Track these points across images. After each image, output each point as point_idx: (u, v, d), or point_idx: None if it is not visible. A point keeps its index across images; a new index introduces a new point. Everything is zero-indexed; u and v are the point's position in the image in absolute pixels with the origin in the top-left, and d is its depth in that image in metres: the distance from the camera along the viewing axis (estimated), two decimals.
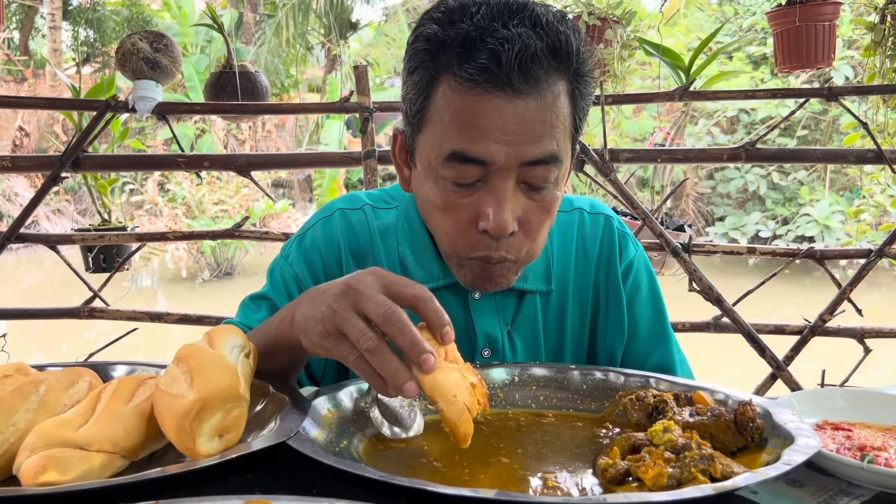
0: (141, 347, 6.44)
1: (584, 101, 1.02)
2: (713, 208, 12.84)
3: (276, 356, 1.00)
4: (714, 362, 5.56)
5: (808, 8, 2.66)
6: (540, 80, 0.94)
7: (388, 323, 0.79)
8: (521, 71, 0.92)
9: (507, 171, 0.97)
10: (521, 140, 0.95)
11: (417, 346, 0.78)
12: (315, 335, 0.86)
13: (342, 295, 0.83)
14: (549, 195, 1.02)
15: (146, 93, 2.65)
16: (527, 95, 0.94)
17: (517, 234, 1.02)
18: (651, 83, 9.10)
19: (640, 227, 2.73)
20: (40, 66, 15.90)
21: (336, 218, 1.24)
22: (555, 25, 0.95)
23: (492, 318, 1.19)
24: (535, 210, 1.02)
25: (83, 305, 2.81)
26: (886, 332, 2.71)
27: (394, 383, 0.78)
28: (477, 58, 0.92)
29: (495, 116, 0.94)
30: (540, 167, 0.98)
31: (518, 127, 0.94)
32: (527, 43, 0.91)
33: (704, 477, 0.73)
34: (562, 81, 0.97)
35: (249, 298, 1.24)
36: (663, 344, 1.28)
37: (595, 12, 2.67)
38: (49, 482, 0.69)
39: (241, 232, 2.82)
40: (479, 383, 0.82)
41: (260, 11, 15.45)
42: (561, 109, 0.97)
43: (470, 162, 0.97)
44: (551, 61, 0.95)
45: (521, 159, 0.96)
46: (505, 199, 0.97)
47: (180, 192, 11.28)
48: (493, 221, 0.98)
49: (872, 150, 2.56)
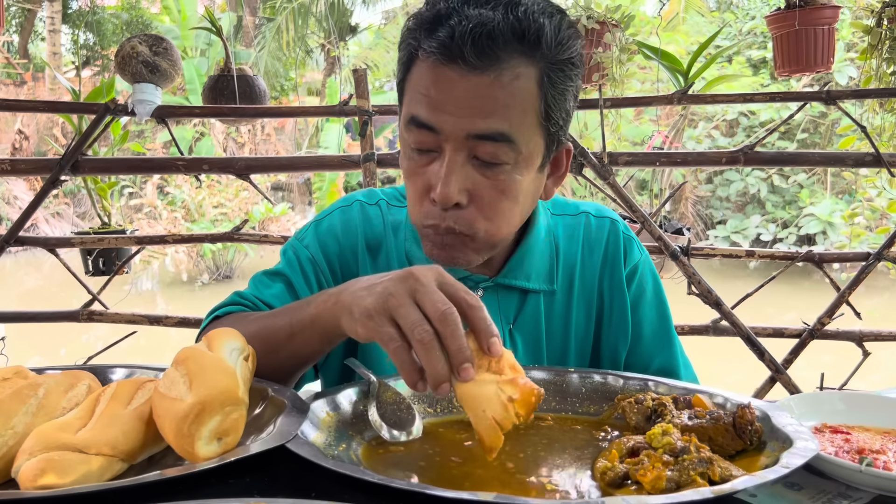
0: (140, 350, 6.43)
1: (557, 91, 1.02)
2: (712, 211, 12.84)
3: (309, 337, 0.99)
4: (713, 365, 5.55)
5: (808, 12, 2.66)
6: (499, 59, 0.97)
7: (443, 322, 0.79)
8: (473, 46, 0.95)
9: (457, 143, 1.00)
10: (469, 113, 0.98)
11: (463, 353, 0.79)
12: (361, 312, 0.85)
13: (402, 281, 0.83)
14: (505, 176, 1.03)
15: (145, 96, 2.65)
16: (481, 72, 0.96)
17: (469, 209, 1.04)
18: (650, 87, 9.11)
19: (638, 231, 2.74)
20: (40, 69, 15.91)
21: (355, 208, 1.26)
22: (532, 13, 0.98)
23: (493, 316, 1.18)
24: (488, 187, 1.03)
25: (82, 309, 2.81)
26: (885, 336, 2.72)
27: (434, 381, 0.79)
28: (438, 32, 0.97)
29: (447, 87, 0.98)
30: (489, 143, 1.00)
31: (469, 101, 0.98)
32: (484, 21, 0.95)
33: (703, 480, 0.73)
34: (529, 67, 0.99)
35: (262, 274, 1.24)
36: (667, 347, 1.28)
37: (594, 16, 2.68)
38: (48, 485, 0.69)
39: (240, 235, 2.82)
40: (522, 396, 0.80)
41: (259, 15, 15.46)
42: (520, 92, 0.99)
43: (423, 127, 1.01)
44: (514, 44, 0.97)
45: (468, 131, 0.99)
46: (452, 170, 1.01)
47: (180, 195, 11.28)
48: (439, 189, 1.01)
49: (871, 154, 2.56)
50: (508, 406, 0.79)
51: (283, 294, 1.20)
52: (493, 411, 0.78)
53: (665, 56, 2.76)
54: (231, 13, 14.83)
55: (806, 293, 8.79)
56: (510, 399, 0.79)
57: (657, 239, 2.63)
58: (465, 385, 0.79)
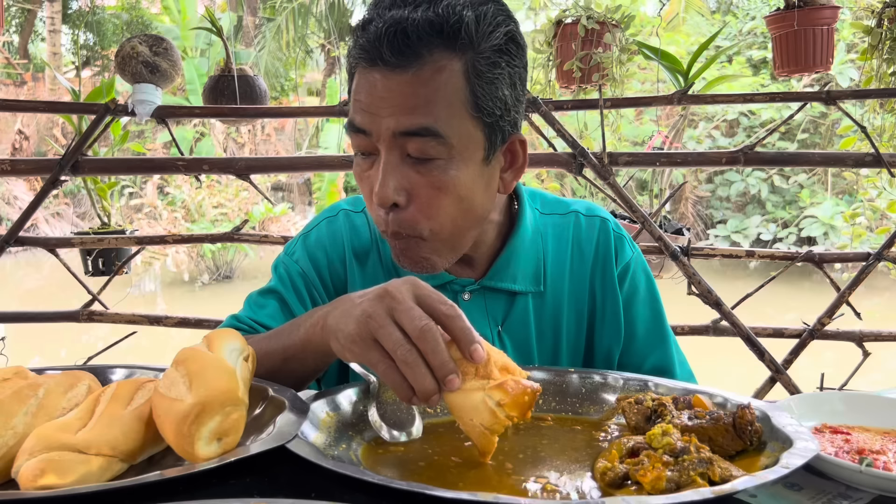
0: (140, 351, 6.43)
1: (485, 80, 1.01)
2: (712, 212, 12.84)
3: (303, 359, 1.00)
4: (713, 366, 5.55)
5: (807, 12, 2.66)
6: (418, 55, 0.97)
7: (422, 339, 0.79)
8: (390, 45, 0.96)
9: (388, 142, 1.01)
10: (391, 111, 0.98)
11: (445, 366, 0.79)
12: (346, 339, 0.86)
13: (378, 301, 0.83)
14: (439, 172, 1.01)
15: (145, 96, 2.65)
16: (402, 70, 0.97)
17: (409, 210, 1.03)
18: (650, 87, 9.11)
19: (638, 231, 2.74)
20: (40, 69, 15.91)
21: (340, 218, 1.27)
22: (453, 6, 0.97)
23: (481, 318, 1.19)
24: (425, 185, 1.02)
25: (82, 309, 2.81)
26: (885, 336, 2.71)
27: (423, 396, 0.80)
28: (361, 38, 0.99)
29: (371, 89, 0.99)
30: (416, 139, 0.99)
31: (391, 99, 0.98)
32: (398, 19, 0.95)
33: (703, 480, 0.73)
34: (452, 59, 0.98)
35: (257, 294, 1.25)
36: (662, 345, 1.28)
37: (594, 16, 2.68)
38: (47, 485, 0.69)
39: (240, 235, 2.82)
40: (512, 399, 0.79)
41: (259, 15, 15.46)
42: (443, 86, 0.98)
43: (357, 131, 1.02)
44: (433, 38, 0.97)
45: (394, 129, 0.99)
46: (386, 171, 1.01)
47: (180, 195, 11.28)
48: (377, 190, 1.02)
49: (871, 154, 2.56)
50: (497, 412, 0.79)
51: (278, 313, 1.20)
52: (480, 419, 0.79)
53: (665, 56, 2.76)
54: (231, 13, 14.83)
55: (806, 293, 8.79)
56: (499, 404, 0.79)
57: (657, 239, 2.63)
58: (453, 395, 0.80)
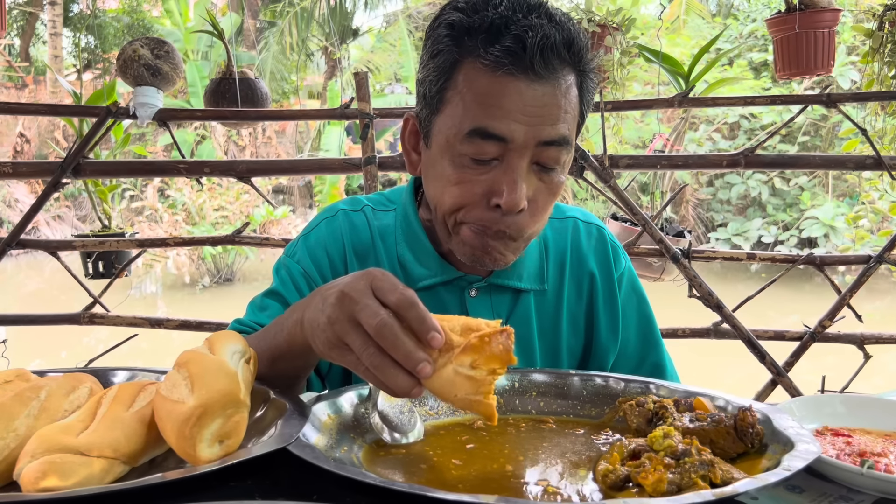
0: (141, 353, 6.44)
1: (590, 96, 1.11)
2: (713, 214, 12.84)
3: (291, 359, 1.00)
4: (714, 368, 5.55)
5: (808, 15, 2.67)
6: (556, 68, 1.02)
7: (381, 336, 0.78)
8: (542, 57, 1.00)
9: (524, 150, 1.04)
10: (539, 121, 1.02)
11: (411, 358, 0.77)
12: (322, 345, 0.86)
13: (338, 304, 0.82)
14: (557, 178, 1.09)
15: (147, 99, 2.66)
16: (545, 81, 1.02)
17: (524, 214, 1.08)
18: (651, 89, 9.11)
19: (639, 234, 2.73)
20: (41, 72, 15.93)
21: (339, 218, 1.28)
22: (566, 23, 1.04)
23: (486, 315, 1.20)
24: (544, 191, 1.09)
25: (83, 311, 2.81)
26: (886, 339, 2.71)
27: (402, 392, 0.79)
28: (503, 42, 1.00)
29: (517, 97, 1.01)
30: (553, 148, 1.05)
31: (537, 109, 1.02)
32: (547, 33, 1.00)
33: (704, 483, 0.73)
34: (573, 74, 1.06)
35: (260, 297, 1.25)
36: (656, 346, 1.35)
37: (595, 19, 2.68)
38: (49, 488, 0.69)
39: (241, 238, 2.82)
40: (481, 355, 0.77)
41: (260, 18, 15.48)
42: (572, 98, 1.06)
43: (491, 138, 1.03)
44: (565, 54, 1.03)
45: (538, 139, 1.03)
46: (521, 177, 1.04)
47: (181, 198, 11.28)
48: (507, 197, 1.04)
49: (872, 157, 2.56)
50: (474, 375, 0.77)
51: (279, 314, 1.20)
52: (461, 391, 0.78)
53: (666, 59, 2.76)
54: (233, 13, 14.84)
55: (807, 296, 8.79)
56: (472, 366, 0.77)
57: (658, 242, 2.63)
58: (429, 381, 0.78)
